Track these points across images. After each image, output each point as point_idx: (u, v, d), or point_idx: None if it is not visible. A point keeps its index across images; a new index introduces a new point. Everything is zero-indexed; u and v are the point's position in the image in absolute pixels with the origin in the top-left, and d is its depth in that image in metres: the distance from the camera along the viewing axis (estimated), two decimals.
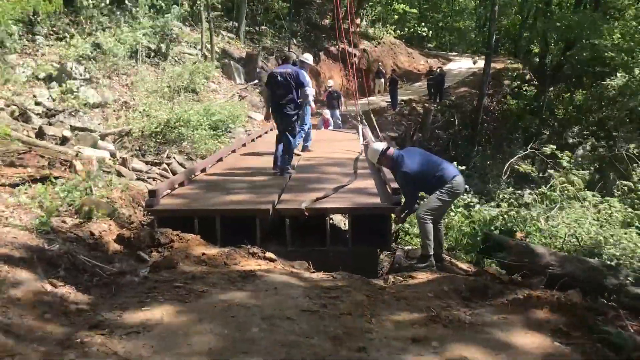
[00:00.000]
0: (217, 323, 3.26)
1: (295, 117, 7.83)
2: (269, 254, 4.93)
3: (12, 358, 2.74)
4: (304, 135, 9.81)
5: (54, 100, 11.37)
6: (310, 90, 8.00)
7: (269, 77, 7.92)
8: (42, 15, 11.99)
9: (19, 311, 3.30)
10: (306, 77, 8.00)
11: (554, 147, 11.30)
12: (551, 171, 11.07)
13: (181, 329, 3.17)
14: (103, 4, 15.38)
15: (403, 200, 6.05)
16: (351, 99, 24.36)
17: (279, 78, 7.56)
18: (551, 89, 23.27)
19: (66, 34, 13.59)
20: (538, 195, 10.17)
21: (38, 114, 10.74)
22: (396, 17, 35.08)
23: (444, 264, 6.11)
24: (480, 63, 25.72)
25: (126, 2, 15.97)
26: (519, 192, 10.51)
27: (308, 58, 9.30)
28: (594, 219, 9.00)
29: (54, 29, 13.74)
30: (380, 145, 6.00)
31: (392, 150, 5.93)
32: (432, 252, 5.71)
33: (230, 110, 14.55)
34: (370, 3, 32.32)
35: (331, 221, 6.94)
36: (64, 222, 5.27)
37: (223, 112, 14.04)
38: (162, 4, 16.53)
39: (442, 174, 5.71)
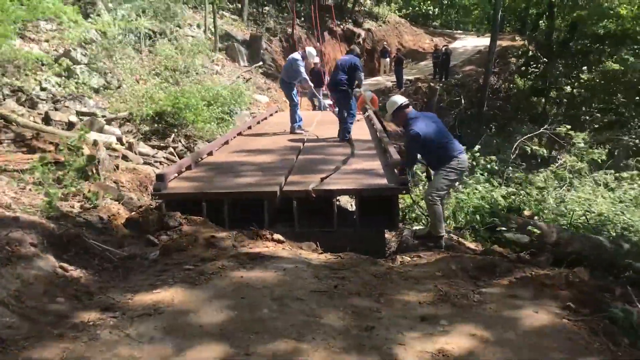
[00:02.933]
0: (228, 304, 3.29)
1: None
2: (277, 236, 4.94)
3: (26, 340, 2.78)
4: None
5: (59, 85, 11.37)
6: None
7: None
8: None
9: (32, 295, 3.34)
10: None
11: (569, 127, 11.24)
12: (564, 155, 11.03)
13: (192, 311, 3.20)
14: None
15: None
16: None
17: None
18: (559, 67, 23.01)
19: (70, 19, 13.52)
20: (547, 174, 10.15)
21: (44, 100, 10.74)
22: None
23: (448, 243, 6.12)
24: (486, 41, 25.45)
25: None
26: (525, 168, 10.47)
27: (312, 52, 10.20)
28: (604, 197, 9.00)
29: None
30: (401, 99, 5.98)
31: (411, 109, 5.93)
32: (444, 234, 5.71)
33: (234, 92, 14.45)
34: None
35: (338, 202, 6.95)
36: (72, 206, 5.32)
37: (226, 94, 13.95)
38: None
39: (449, 148, 5.71)
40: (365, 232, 5.90)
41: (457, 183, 6.03)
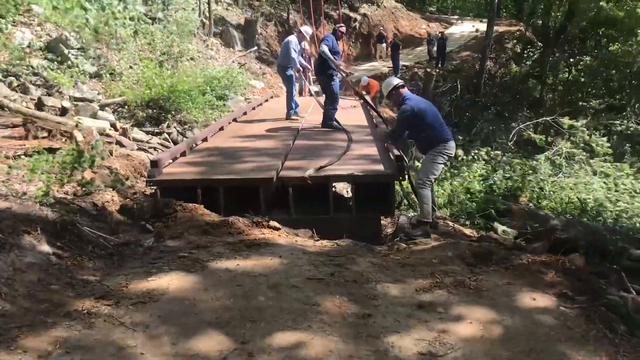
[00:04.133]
0: (223, 292, 3.27)
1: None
2: (273, 223, 4.91)
3: (19, 329, 2.75)
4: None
5: (51, 70, 11.24)
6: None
7: None
8: None
9: (25, 282, 3.31)
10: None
11: (575, 121, 11.23)
12: (560, 142, 11.02)
13: (187, 299, 3.18)
14: None
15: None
16: (352, 64, 24.12)
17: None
18: (556, 53, 22.93)
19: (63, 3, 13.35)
20: (543, 160, 10.14)
21: (36, 85, 10.63)
22: None
23: (439, 228, 6.11)
24: (482, 26, 25.33)
25: None
26: (521, 155, 10.48)
27: (307, 31, 10.14)
28: (602, 185, 9.01)
29: None
30: (397, 80, 6.02)
31: (406, 90, 5.95)
32: (430, 220, 5.69)
33: (228, 77, 14.34)
34: None
35: (334, 189, 6.92)
36: (66, 193, 5.27)
37: (221, 76, 13.85)
38: None
39: (440, 131, 5.71)
40: (361, 218, 5.88)
41: (443, 167, 6.01)
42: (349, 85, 11.46)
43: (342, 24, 10.17)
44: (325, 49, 8.28)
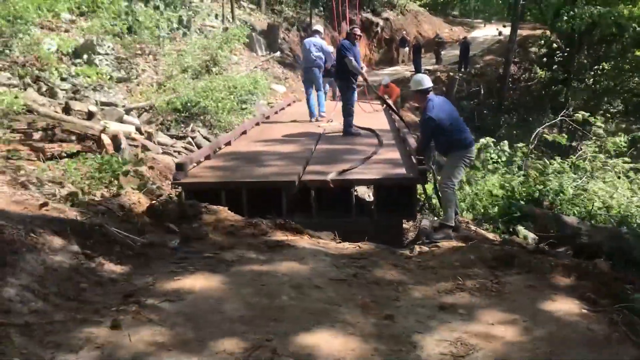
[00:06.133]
0: (247, 291, 3.33)
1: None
2: (295, 225, 4.97)
3: (51, 325, 2.84)
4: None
5: (78, 75, 11.48)
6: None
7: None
8: None
9: (56, 281, 3.41)
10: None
11: (587, 114, 11.08)
12: (584, 145, 10.87)
13: (212, 298, 3.25)
14: None
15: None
16: (374, 69, 24.17)
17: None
18: (581, 56, 22.63)
19: (90, 9, 13.63)
20: (567, 164, 10.03)
21: (64, 90, 10.87)
22: None
23: (461, 232, 6.09)
24: (506, 30, 25.16)
25: None
26: (548, 161, 10.36)
27: (320, 29, 10.60)
28: (627, 188, 8.88)
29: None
30: (428, 83, 5.88)
31: (431, 94, 5.89)
32: (452, 223, 5.68)
33: (252, 82, 14.50)
34: None
35: (356, 192, 6.96)
36: (94, 195, 5.39)
37: (245, 83, 14.01)
38: None
39: (463, 138, 5.71)
40: (383, 221, 5.91)
41: (464, 171, 5.99)
42: (372, 90, 11.45)
43: (356, 26, 10.19)
44: (353, 61, 8.21)
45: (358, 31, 8.93)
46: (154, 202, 5.44)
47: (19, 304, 2.97)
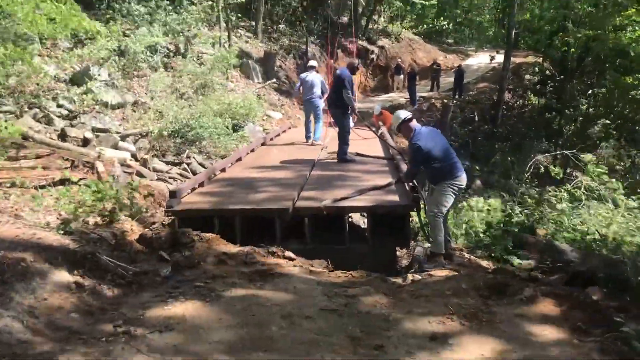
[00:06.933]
0: (237, 321, 3.32)
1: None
2: (288, 253, 4.97)
3: (39, 355, 2.82)
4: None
5: (75, 102, 11.55)
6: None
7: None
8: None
9: (47, 311, 3.39)
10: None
11: (593, 157, 11.17)
12: (579, 174, 10.95)
13: (202, 327, 3.23)
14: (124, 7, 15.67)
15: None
16: (369, 96, 24.37)
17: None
18: (575, 84, 22.89)
19: (87, 37, 13.78)
20: (562, 193, 10.07)
21: (60, 116, 10.92)
22: (414, 16, 34.93)
23: (454, 259, 6.07)
24: (500, 58, 25.48)
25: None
26: (539, 187, 10.41)
27: (314, 64, 11.11)
28: (622, 216, 8.90)
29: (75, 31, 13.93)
30: (404, 114, 5.98)
31: (414, 123, 5.93)
32: (442, 251, 5.67)
33: (248, 105, 14.67)
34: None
35: (350, 219, 6.96)
36: (87, 222, 5.38)
37: (241, 106, 14.17)
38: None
39: (450, 166, 5.69)
40: (377, 249, 5.90)
41: (454, 199, 5.95)
42: (361, 121, 11.64)
43: (358, 60, 10.70)
44: (351, 96, 8.51)
45: (357, 63, 9.62)
46: (146, 230, 5.44)
47: (7, 334, 2.96)
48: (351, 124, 11.68)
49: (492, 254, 7.12)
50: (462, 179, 5.73)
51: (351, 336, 3.21)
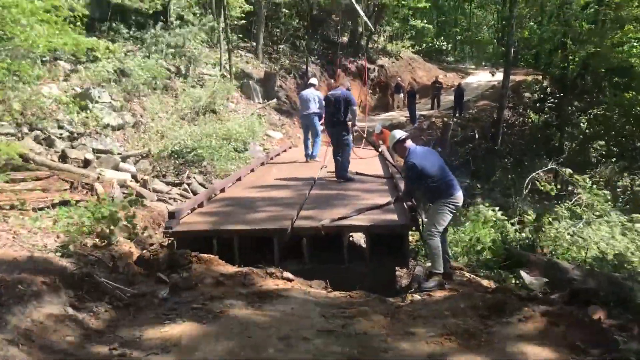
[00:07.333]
0: (234, 343, 3.30)
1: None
2: (286, 274, 4.96)
3: None
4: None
5: (76, 123, 11.61)
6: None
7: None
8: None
9: (42, 333, 3.38)
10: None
11: (587, 177, 11.19)
12: (578, 192, 10.96)
13: (199, 350, 3.22)
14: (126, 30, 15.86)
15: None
16: (369, 114, 24.49)
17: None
18: (574, 101, 22.97)
19: (88, 59, 13.91)
20: (562, 210, 10.06)
21: (61, 138, 10.97)
22: (413, 32, 35.20)
23: (454, 278, 6.05)
24: (499, 75, 25.62)
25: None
26: (539, 204, 10.40)
27: (314, 82, 11.43)
28: (621, 235, 8.88)
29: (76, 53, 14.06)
30: (399, 134, 6.02)
31: (410, 143, 5.95)
32: (441, 270, 5.63)
33: (249, 127, 14.78)
34: (387, 19, 32.45)
35: (351, 238, 6.95)
36: (85, 244, 5.38)
37: (241, 130, 14.25)
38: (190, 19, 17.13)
39: (445, 185, 5.68)
40: (376, 268, 5.88)
41: (450, 218, 5.93)
42: (364, 138, 11.72)
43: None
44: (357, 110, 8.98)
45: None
46: (144, 251, 5.44)
47: (2, 358, 2.94)
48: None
49: (492, 273, 7.10)
50: (458, 197, 5.72)
51: (349, 357, 3.19)
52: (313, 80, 11.53)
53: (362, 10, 22.93)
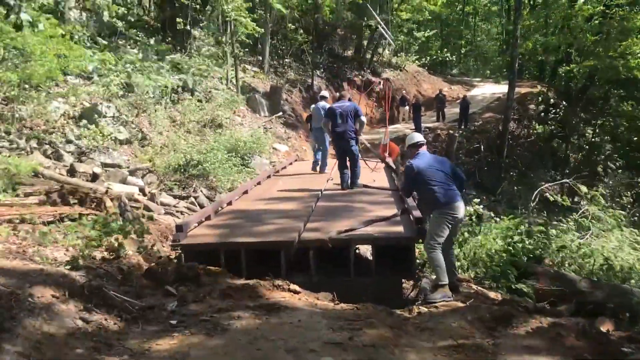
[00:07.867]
0: (242, 355, 3.33)
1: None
2: (293, 286, 4.98)
3: None
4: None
5: (84, 138, 11.73)
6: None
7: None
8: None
9: (52, 346, 3.41)
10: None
11: (598, 193, 11.19)
12: (587, 203, 10.96)
13: None
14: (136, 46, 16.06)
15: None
16: (375, 127, 24.57)
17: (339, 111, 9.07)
18: (579, 113, 23.01)
19: (97, 74, 14.06)
20: (570, 222, 10.05)
21: (69, 152, 11.08)
22: (417, 47, 35.40)
23: (460, 290, 6.03)
24: (504, 87, 25.68)
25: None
26: (546, 216, 10.39)
27: (323, 95, 11.74)
28: (630, 247, 8.87)
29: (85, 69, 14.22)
30: (418, 137, 6.16)
31: (423, 148, 6.08)
32: (446, 281, 5.61)
33: (255, 139, 14.92)
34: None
35: (357, 250, 6.96)
36: (94, 258, 5.43)
37: (247, 143, 14.38)
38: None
39: (442, 194, 5.68)
40: (382, 281, 5.89)
41: (449, 229, 5.88)
42: (371, 150, 11.97)
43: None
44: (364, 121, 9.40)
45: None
46: (153, 264, 5.48)
47: None
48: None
49: (499, 285, 7.09)
50: (457, 208, 5.68)
51: None
52: (324, 93, 11.82)
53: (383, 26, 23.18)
